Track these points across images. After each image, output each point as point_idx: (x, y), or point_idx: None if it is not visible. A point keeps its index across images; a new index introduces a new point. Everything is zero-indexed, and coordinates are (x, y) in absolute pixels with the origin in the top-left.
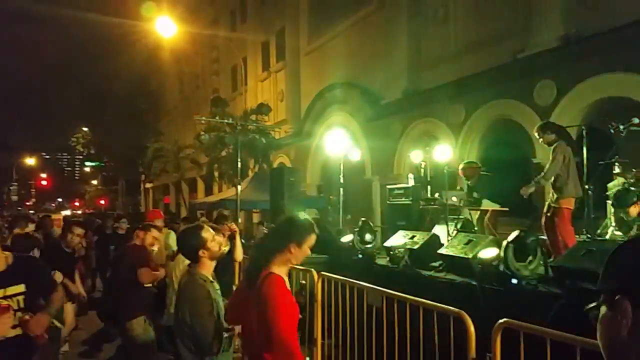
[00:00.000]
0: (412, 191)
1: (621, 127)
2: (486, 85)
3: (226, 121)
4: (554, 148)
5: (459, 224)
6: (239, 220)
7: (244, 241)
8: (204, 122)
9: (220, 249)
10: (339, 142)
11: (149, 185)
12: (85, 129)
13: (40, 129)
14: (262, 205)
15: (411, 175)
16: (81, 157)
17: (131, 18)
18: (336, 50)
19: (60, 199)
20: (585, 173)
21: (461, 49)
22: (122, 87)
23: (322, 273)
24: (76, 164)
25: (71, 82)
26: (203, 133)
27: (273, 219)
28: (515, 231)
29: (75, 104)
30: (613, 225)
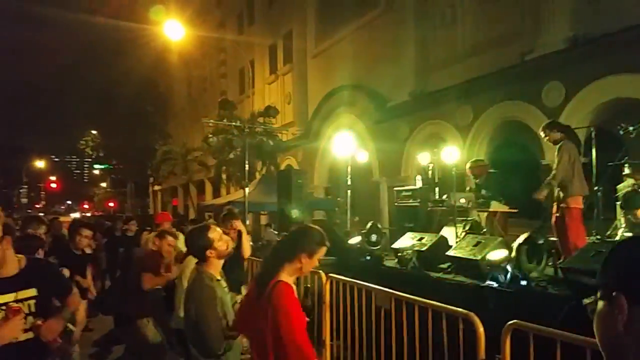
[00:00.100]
0: (420, 193)
1: (630, 128)
2: (494, 87)
3: (234, 124)
4: (560, 147)
5: (468, 225)
6: (247, 222)
7: (252, 244)
8: (211, 124)
9: (227, 249)
10: (346, 144)
11: (157, 188)
12: (94, 132)
13: (49, 132)
14: (269, 207)
15: (419, 177)
16: (90, 159)
17: (139, 22)
18: (343, 53)
19: (69, 202)
20: (595, 174)
21: (468, 50)
22: (131, 90)
23: (330, 275)
24: (85, 166)
25: (80, 85)
26: (211, 136)
27: (280, 221)
28: (525, 233)
29: (84, 107)
30: (623, 226)
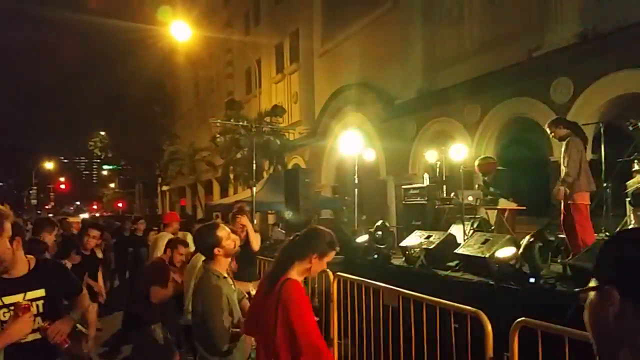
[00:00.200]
0: (428, 191)
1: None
2: (502, 83)
3: (241, 123)
4: (567, 143)
5: (476, 223)
6: (255, 222)
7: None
8: (219, 124)
9: (235, 247)
10: (353, 143)
11: (165, 188)
12: (102, 133)
13: (58, 134)
14: (277, 206)
15: (426, 175)
16: (98, 160)
17: (147, 22)
18: (350, 51)
19: (78, 202)
20: (604, 171)
21: (476, 47)
22: (138, 91)
23: (338, 273)
24: (94, 167)
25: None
26: (218, 136)
27: (288, 220)
28: (535, 230)
29: (92, 108)
30: (632, 223)
